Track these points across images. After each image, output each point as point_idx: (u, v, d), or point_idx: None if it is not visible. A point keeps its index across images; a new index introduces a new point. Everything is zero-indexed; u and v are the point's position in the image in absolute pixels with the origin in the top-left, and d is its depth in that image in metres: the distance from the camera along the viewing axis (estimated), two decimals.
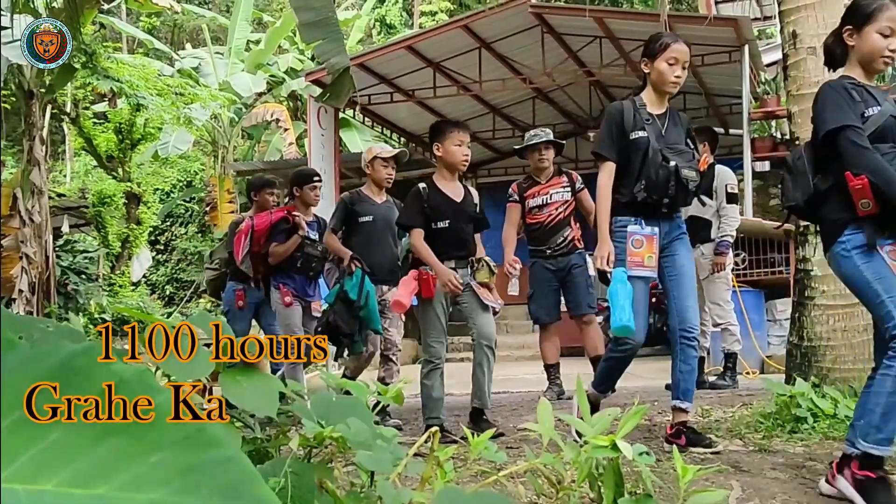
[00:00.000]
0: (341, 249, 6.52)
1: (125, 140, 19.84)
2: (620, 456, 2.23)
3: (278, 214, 7.24)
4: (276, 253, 7.06)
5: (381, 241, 6.69)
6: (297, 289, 7.13)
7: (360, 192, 6.84)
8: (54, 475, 0.81)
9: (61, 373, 0.88)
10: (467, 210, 5.74)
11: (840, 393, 4.83)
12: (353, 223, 6.67)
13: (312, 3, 6.07)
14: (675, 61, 4.64)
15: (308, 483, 1.97)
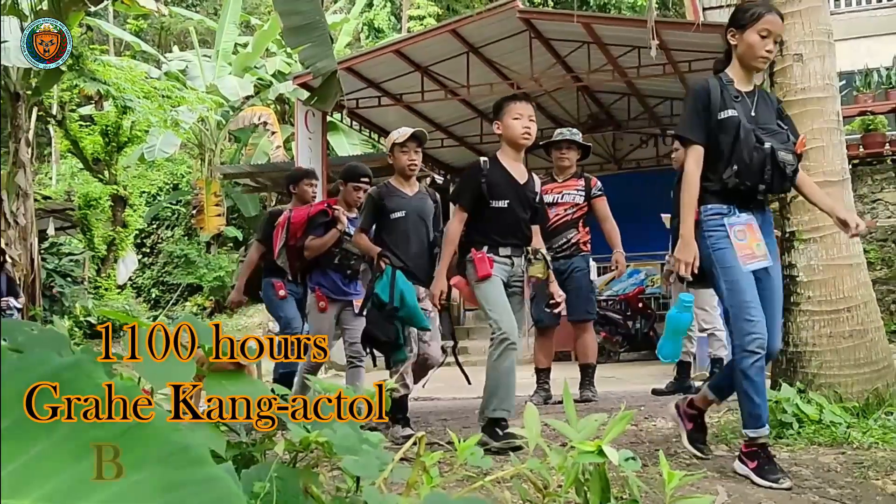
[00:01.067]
0: (370, 247, 5.91)
1: (111, 143, 19.79)
2: (606, 461, 2.23)
3: (317, 207, 6.80)
4: (312, 247, 6.58)
5: (416, 238, 6.01)
6: (334, 288, 6.61)
7: (389, 185, 6.10)
8: (35, 490, 0.80)
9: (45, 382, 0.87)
10: (529, 195, 5.23)
11: (825, 398, 4.84)
12: (384, 220, 6.01)
13: (298, 7, 6.06)
14: (768, 33, 4.12)
15: (293, 488, 1.97)
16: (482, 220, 5.07)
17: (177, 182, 24.84)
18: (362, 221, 6.09)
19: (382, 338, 5.61)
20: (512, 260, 5.06)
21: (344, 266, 6.58)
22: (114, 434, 0.85)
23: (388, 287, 5.57)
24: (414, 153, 5.99)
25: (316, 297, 6.56)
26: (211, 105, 18.88)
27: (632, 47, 12.64)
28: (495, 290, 4.96)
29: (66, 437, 0.84)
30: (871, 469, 3.94)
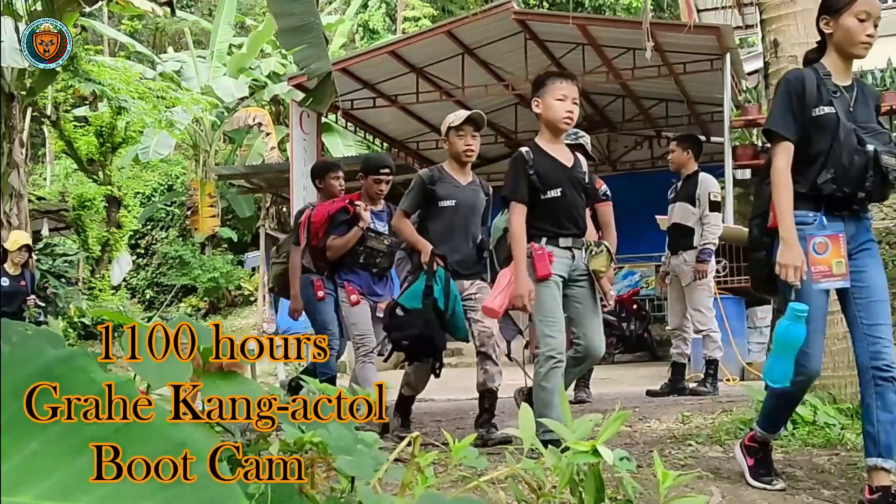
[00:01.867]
0: (418, 241, 5.42)
1: (106, 143, 19.76)
2: (601, 462, 2.23)
3: (338, 204, 6.38)
4: (333, 247, 6.19)
5: (463, 231, 5.56)
6: (364, 286, 6.20)
7: (442, 170, 5.65)
8: (32, 488, 0.80)
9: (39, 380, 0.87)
10: (579, 177, 4.80)
11: (820, 400, 4.85)
12: (432, 207, 5.53)
13: (292, 8, 6.06)
14: (867, 16, 3.66)
15: (288, 488, 1.96)
16: (536, 213, 4.63)
17: (171, 183, 24.81)
18: (406, 203, 5.57)
19: (442, 346, 5.33)
20: (573, 252, 4.66)
21: (369, 265, 6.21)
22: (109, 431, 0.85)
23: (443, 293, 5.23)
24: (471, 137, 5.54)
25: (346, 290, 6.17)
26: (206, 106, 18.86)
27: (627, 49, 12.66)
28: (551, 297, 4.54)
29: (62, 433, 0.84)
30: (865, 470, 3.94)
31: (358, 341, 6.10)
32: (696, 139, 7.99)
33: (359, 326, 6.13)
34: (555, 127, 4.73)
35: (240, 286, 22.06)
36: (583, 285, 4.69)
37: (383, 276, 6.33)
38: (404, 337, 5.33)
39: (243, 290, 22.11)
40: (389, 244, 6.21)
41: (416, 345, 5.32)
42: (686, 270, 7.51)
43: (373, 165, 6.38)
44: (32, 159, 24.44)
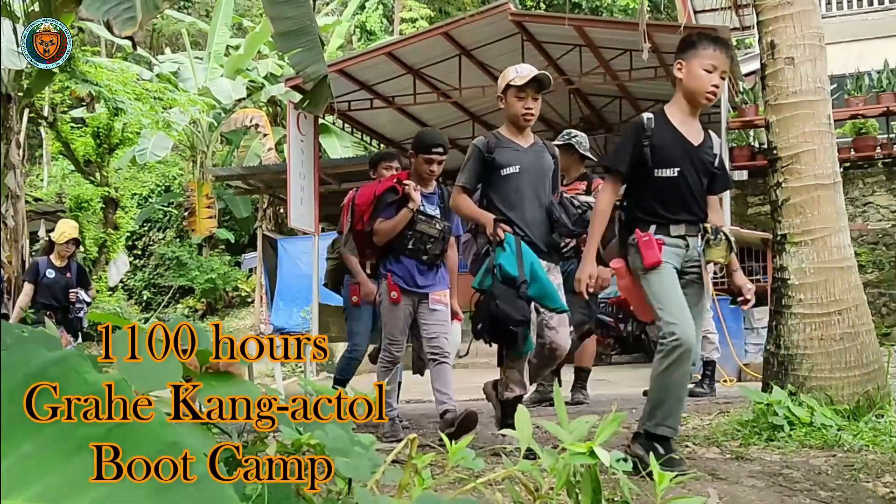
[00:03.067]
0: (479, 213, 4.84)
1: (103, 144, 19.74)
2: (598, 463, 2.23)
3: (385, 184, 5.89)
4: (380, 231, 5.70)
5: (533, 199, 4.96)
6: (408, 278, 5.71)
7: (499, 135, 5.06)
8: (25, 490, 0.80)
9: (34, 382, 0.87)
10: (706, 158, 4.22)
11: (816, 401, 4.85)
12: (493, 177, 4.94)
13: (288, 12, 6.06)
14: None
15: (285, 490, 1.96)
16: (646, 193, 4.13)
17: (168, 184, 24.80)
18: (464, 178, 4.98)
19: (517, 316, 4.51)
20: (686, 241, 4.10)
21: (419, 251, 5.68)
22: (104, 432, 0.85)
23: (515, 258, 4.57)
24: (532, 100, 4.95)
25: (388, 285, 5.69)
26: (203, 107, 18.86)
27: (623, 50, 12.66)
28: (667, 281, 4.01)
29: (56, 435, 0.84)
30: (862, 471, 3.95)
31: (386, 344, 5.83)
32: None
33: (388, 328, 5.79)
34: (693, 99, 4.19)
35: (237, 287, 22.04)
36: (694, 278, 4.17)
37: (433, 265, 5.77)
38: (477, 322, 4.65)
39: (240, 291, 22.09)
40: (441, 229, 5.73)
41: (492, 327, 4.59)
42: None
43: (424, 143, 5.84)
44: (29, 160, 24.40)
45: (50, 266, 9.01)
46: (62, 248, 9.08)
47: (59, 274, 9.01)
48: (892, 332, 11.35)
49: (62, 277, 9.01)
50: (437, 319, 5.71)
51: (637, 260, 4.05)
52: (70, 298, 8.98)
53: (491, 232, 4.67)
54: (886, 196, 12.75)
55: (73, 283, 9.08)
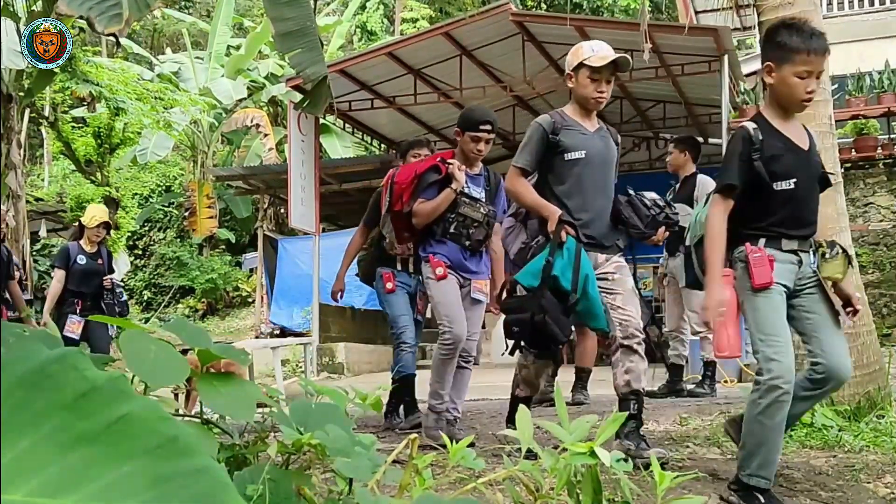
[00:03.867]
0: (543, 205, 4.35)
1: (104, 144, 19.74)
2: (598, 463, 2.23)
3: (427, 162, 5.51)
4: (421, 212, 5.30)
5: (598, 190, 4.51)
6: (452, 259, 5.31)
7: (564, 115, 4.54)
8: (24, 484, 0.80)
9: (33, 379, 0.87)
10: (816, 161, 3.81)
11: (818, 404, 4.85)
12: (556, 162, 4.44)
13: (288, 13, 6.06)
14: None
15: (286, 490, 1.96)
16: (757, 206, 3.65)
17: (169, 184, 24.81)
18: (524, 159, 4.47)
19: (562, 337, 4.24)
20: (799, 256, 3.66)
21: (460, 235, 5.30)
22: (101, 426, 0.85)
23: (572, 268, 4.15)
24: (605, 84, 4.50)
25: (431, 263, 5.27)
26: (203, 107, 18.86)
27: (624, 50, 12.50)
28: (773, 310, 3.56)
29: (54, 430, 0.84)
30: (863, 472, 3.95)
31: (443, 327, 5.24)
32: (694, 141, 8.00)
33: (444, 306, 5.23)
34: (788, 106, 3.74)
35: (238, 287, 22.05)
36: (813, 292, 3.69)
37: (477, 251, 5.39)
38: (515, 321, 4.32)
39: (241, 291, 22.10)
40: (486, 213, 5.35)
41: (528, 333, 4.29)
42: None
43: (472, 120, 5.39)
44: (30, 160, 24.40)
45: (81, 252, 8.65)
46: (92, 233, 8.69)
47: (91, 260, 8.66)
48: (892, 332, 11.34)
49: (93, 264, 8.67)
50: (475, 315, 5.36)
51: (745, 278, 3.60)
52: (105, 285, 8.66)
53: (552, 230, 4.23)
54: (887, 196, 12.73)
55: (104, 270, 8.76)
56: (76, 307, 8.42)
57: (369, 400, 2.53)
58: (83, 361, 0.91)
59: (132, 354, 1.84)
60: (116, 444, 0.84)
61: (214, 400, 2.03)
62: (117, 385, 0.89)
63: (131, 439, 0.85)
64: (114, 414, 0.86)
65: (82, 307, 8.43)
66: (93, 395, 0.87)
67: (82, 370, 0.89)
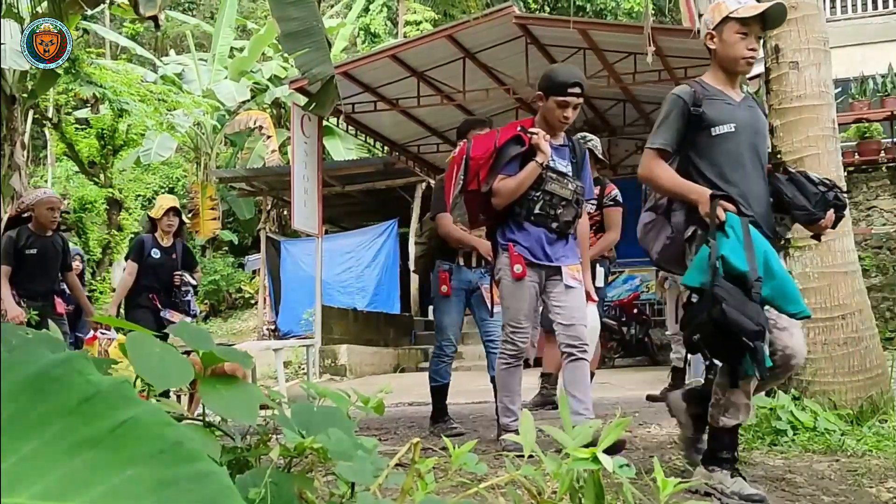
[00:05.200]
0: (687, 187, 3.69)
1: (107, 146, 19.76)
2: (601, 468, 2.23)
3: (507, 133, 4.77)
4: (502, 190, 4.63)
5: (752, 168, 3.83)
6: (536, 248, 4.69)
7: (704, 84, 3.95)
8: (27, 488, 0.80)
9: (37, 383, 0.87)
10: None
11: (820, 406, 4.85)
12: (699, 137, 3.79)
13: (293, 13, 6.05)
14: None
15: (288, 493, 1.96)
16: None
17: (172, 186, 24.83)
18: (662, 137, 3.80)
19: (752, 326, 3.26)
20: None
21: (547, 216, 4.66)
22: (105, 431, 0.85)
23: (743, 247, 3.41)
24: (755, 40, 3.87)
25: (510, 257, 4.65)
26: (207, 109, 18.88)
27: (628, 53, 12.66)
28: None
29: (58, 434, 0.84)
30: (866, 477, 3.94)
31: (507, 335, 4.77)
32: None
33: (513, 312, 4.72)
34: None
35: (240, 289, 22.07)
36: None
37: (564, 234, 4.73)
38: (693, 329, 3.46)
39: (244, 292, 22.11)
40: (574, 189, 4.71)
41: (717, 340, 3.39)
42: None
43: (559, 82, 4.73)
44: (34, 161, 24.45)
45: (155, 245, 8.13)
46: (164, 224, 8.15)
47: (165, 254, 8.15)
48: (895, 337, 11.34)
49: (167, 258, 8.15)
50: (574, 301, 4.65)
51: None
52: (174, 282, 8.10)
53: (707, 212, 3.54)
54: (890, 200, 12.73)
55: (177, 266, 8.19)
56: (153, 302, 7.96)
57: (371, 403, 2.53)
58: (87, 366, 0.91)
59: (138, 357, 1.84)
60: (120, 449, 0.84)
61: (217, 402, 2.03)
62: (121, 390, 0.89)
63: (135, 444, 0.85)
64: (118, 418, 0.86)
65: (160, 302, 8.00)
66: (97, 400, 0.87)
67: (86, 374, 0.90)
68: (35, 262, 7.49)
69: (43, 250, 7.56)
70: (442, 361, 5.87)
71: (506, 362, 4.78)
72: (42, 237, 7.61)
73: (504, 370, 4.79)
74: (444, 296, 5.68)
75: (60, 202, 7.84)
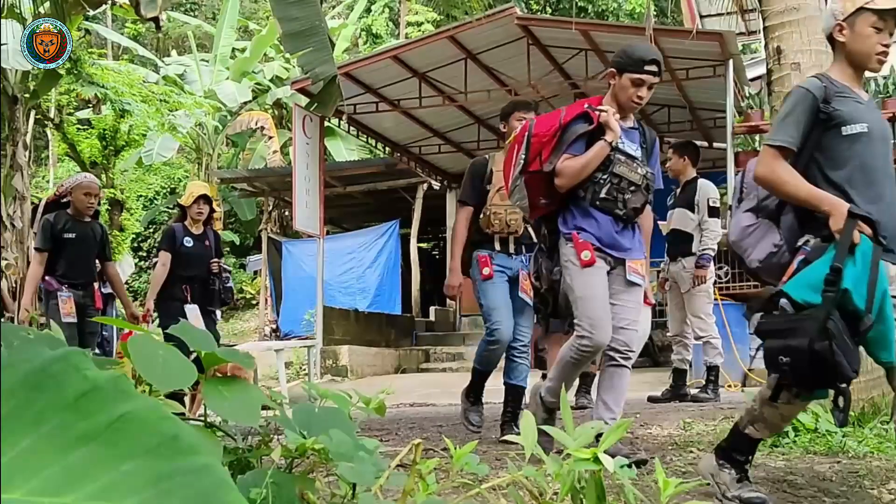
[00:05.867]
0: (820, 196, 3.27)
1: (109, 146, 19.76)
2: (602, 469, 2.22)
3: (574, 109, 4.37)
4: (567, 171, 4.20)
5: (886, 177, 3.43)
6: (603, 237, 4.26)
7: (832, 80, 3.45)
8: (24, 483, 0.81)
9: (35, 379, 0.88)
10: None
11: (821, 407, 4.84)
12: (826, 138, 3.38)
13: (296, 13, 6.06)
14: None
15: (289, 494, 1.96)
16: None
17: (174, 186, 24.84)
18: (786, 134, 3.38)
19: (849, 373, 3.08)
20: None
21: (614, 202, 4.26)
22: (102, 425, 0.85)
23: (867, 281, 3.07)
24: (888, 35, 3.46)
25: (575, 243, 4.20)
26: (208, 109, 18.90)
27: None
28: None
29: (55, 429, 0.85)
30: (867, 478, 3.94)
31: (581, 329, 4.19)
32: (694, 146, 8.01)
33: (586, 303, 4.18)
34: None
35: (242, 289, 22.07)
36: None
37: (631, 224, 4.36)
38: (784, 349, 3.16)
39: (245, 293, 22.11)
40: (644, 174, 4.35)
41: (802, 365, 3.11)
42: (685, 277, 7.52)
43: (636, 57, 4.33)
44: (35, 162, 24.45)
45: (187, 234, 7.83)
46: (194, 212, 7.82)
47: (198, 243, 7.85)
48: None
49: (201, 247, 7.86)
50: (632, 300, 4.32)
51: None
52: (212, 269, 7.84)
53: (839, 229, 3.14)
54: None
55: (212, 254, 7.92)
56: (186, 294, 7.68)
57: (373, 404, 2.53)
58: (85, 362, 0.91)
59: (141, 358, 1.84)
60: (117, 443, 0.84)
61: (219, 403, 2.03)
62: (118, 385, 0.90)
63: (132, 438, 0.85)
64: (114, 413, 0.86)
65: (192, 294, 7.72)
66: (94, 395, 0.88)
67: (83, 370, 0.90)
68: (74, 246, 7.26)
69: (82, 235, 7.33)
70: (493, 347, 5.36)
71: (576, 356, 4.23)
72: (81, 222, 7.37)
73: (571, 361, 4.26)
74: (486, 279, 5.31)
75: (98, 189, 7.55)
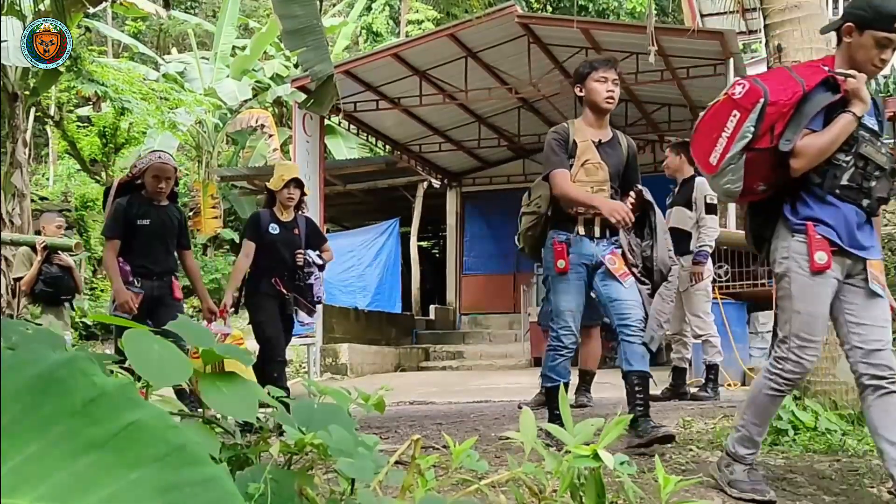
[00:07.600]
0: None
1: (109, 144, 19.78)
2: (602, 466, 2.22)
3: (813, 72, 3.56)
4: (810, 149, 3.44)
5: None
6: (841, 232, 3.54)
7: None
8: (32, 490, 0.80)
9: (42, 383, 0.87)
10: None
11: (821, 406, 4.85)
12: None
13: (296, 10, 6.07)
14: None
15: (288, 490, 1.96)
16: None
17: None
18: None
19: None
20: None
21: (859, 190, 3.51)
22: (109, 433, 0.85)
23: None
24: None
25: (810, 240, 3.45)
26: (209, 107, 18.88)
27: (630, 53, 12.66)
28: None
29: (62, 435, 0.84)
30: (866, 476, 3.94)
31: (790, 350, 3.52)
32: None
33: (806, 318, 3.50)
34: None
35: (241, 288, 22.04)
36: None
37: (874, 215, 3.61)
38: None
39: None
40: (890, 156, 3.55)
41: None
42: (684, 275, 7.51)
43: (885, 13, 3.40)
44: (35, 159, 24.46)
45: (273, 220, 7.02)
46: (283, 197, 6.96)
47: (285, 230, 7.04)
48: None
49: (289, 234, 7.04)
50: (878, 315, 3.54)
51: None
52: (297, 261, 6.99)
53: None
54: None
55: (300, 243, 7.08)
56: (276, 288, 6.87)
57: (372, 401, 2.53)
58: (92, 366, 0.90)
59: (136, 354, 1.84)
60: (124, 452, 0.84)
61: (217, 399, 2.02)
62: (126, 392, 0.89)
63: (140, 447, 0.84)
64: (122, 421, 0.86)
65: (283, 287, 6.91)
66: (101, 402, 0.87)
67: (91, 375, 0.89)
68: (149, 234, 6.52)
69: (158, 221, 6.56)
70: (560, 355, 4.86)
71: (776, 388, 3.57)
72: (156, 207, 6.57)
73: (769, 395, 3.60)
74: (560, 273, 4.68)
75: (173, 170, 6.62)
